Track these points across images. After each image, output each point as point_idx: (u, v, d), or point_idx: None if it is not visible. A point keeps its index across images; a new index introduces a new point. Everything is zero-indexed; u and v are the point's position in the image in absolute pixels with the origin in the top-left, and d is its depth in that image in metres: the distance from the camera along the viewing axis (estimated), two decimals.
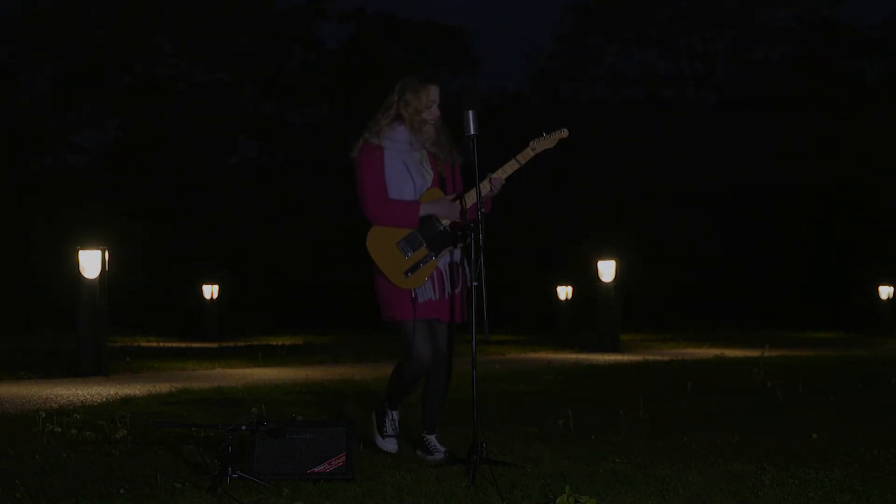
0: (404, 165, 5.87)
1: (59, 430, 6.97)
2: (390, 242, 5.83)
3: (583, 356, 15.93)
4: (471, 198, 5.85)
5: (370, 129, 5.93)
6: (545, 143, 5.93)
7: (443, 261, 5.92)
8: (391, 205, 5.82)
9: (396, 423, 6.01)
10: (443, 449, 6.00)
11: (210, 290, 23.47)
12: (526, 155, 5.89)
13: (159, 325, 26.61)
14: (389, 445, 5.92)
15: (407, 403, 6.21)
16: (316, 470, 5.34)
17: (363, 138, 5.93)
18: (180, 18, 40.03)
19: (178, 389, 10.00)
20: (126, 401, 9.01)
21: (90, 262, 12.51)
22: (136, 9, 39.05)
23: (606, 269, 17.92)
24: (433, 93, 5.90)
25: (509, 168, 5.87)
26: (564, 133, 5.97)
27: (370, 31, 41.94)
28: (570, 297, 24.08)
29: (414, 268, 5.81)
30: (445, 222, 5.87)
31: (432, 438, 6.06)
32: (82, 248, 12.56)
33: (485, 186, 5.79)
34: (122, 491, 5.05)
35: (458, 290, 5.95)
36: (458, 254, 5.97)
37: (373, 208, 5.81)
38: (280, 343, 20.17)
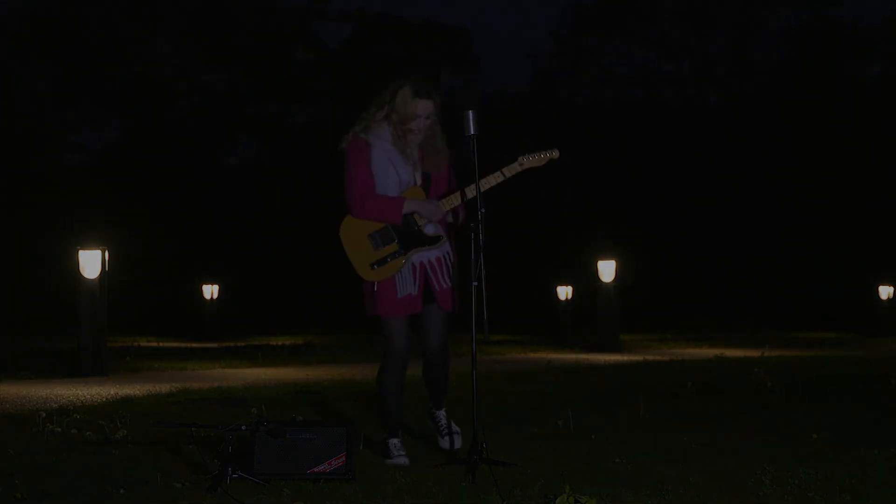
0: (390, 162, 5.90)
1: (59, 430, 6.97)
2: (362, 233, 5.88)
3: (583, 356, 15.93)
4: (449, 202, 5.89)
5: (360, 122, 5.96)
6: (534, 160, 5.95)
7: (424, 256, 5.92)
8: (377, 199, 5.85)
9: (400, 447, 5.98)
10: (457, 429, 6.08)
11: (210, 290, 23.46)
12: (512, 169, 5.91)
13: (159, 325, 26.59)
14: (401, 461, 5.88)
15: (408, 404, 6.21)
16: (316, 470, 5.34)
17: (353, 132, 5.95)
18: (180, 18, 40.03)
19: (178, 389, 9.99)
20: (126, 401, 9.01)
21: (90, 262, 12.51)
22: (136, 9, 39.04)
23: (606, 269, 17.92)
24: (421, 107, 5.87)
25: (493, 179, 5.89)
26: (555, 154, 5.97)
27: (370, 31, 41.94)
28: (570, 297, 24.06)
29: (381, 261, 5.85)
30: (422, 222, 5.89)
31: (441, 414, 6.13)
32: (82, 248, 12.56)
33: (471, 191, 5.81)
34: (122, 491, 5.05)
35: (449, 284, 5.96)
36: (445, 248, 5.96)
37: (358, 201, 5.85)
38: (280, 343, 20.17)
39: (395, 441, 5.96)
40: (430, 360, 6.04)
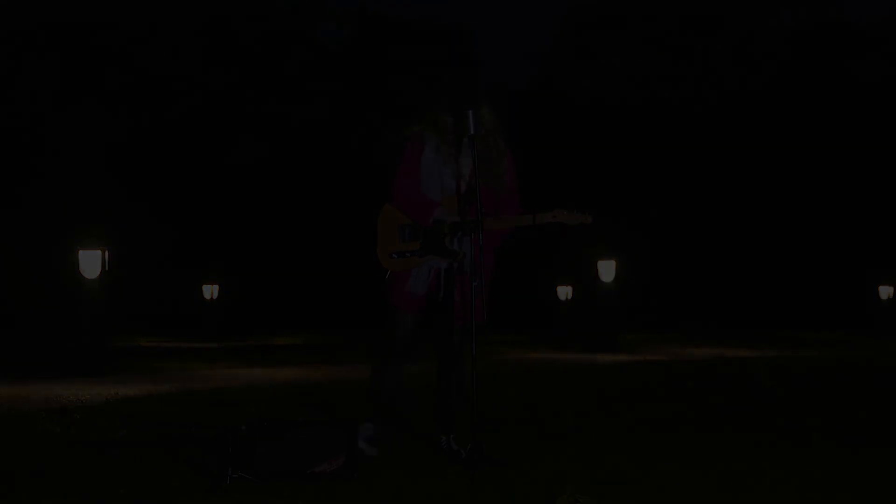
0: (437, 166, 5.97)
1: (59, 430, 6.97)
2: (396, 221, 5.97)
3: (583, 356, 15.93)
4: (490, 224, 5.89)
5: (426, 119, 6.02)
6: (566, 217, 5.99)
7: (444, 264, 5.97)
8: (415, 197, 5.93)
9: (372, 434, 6.02)
10: (457, 448, 6.01)
11: (210, 290, 23.48)
12: (544, 217, 5.98)
13: (159, 325, 26.59)
14: (370, 451, 5.94)
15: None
16: (316, 470, 5.34)
17: (420, 126, 6.01)
18: (180, 18, 40.02)
19: (178, 389, 9.99)
20: (126, 401, 9.01)
21: (90, 262, 12.52)
22: (136, 8, 39.04)
23: (606, 269, 17.93)
24: (451, 125, 5.94)
25: (523, 220, 5.96)
26: (588, 219, 6.02)
27: (370, 31, 41.93)
28: (570, 297, 24.08)
29: (400, 254, 5.94)
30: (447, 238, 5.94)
31: (446, 440, 6.08)
32: (82, 248, 12.57)
33: (498, 222, 5.91)
34: (121, 491, 5.04)
35: (460, 298, 5.97)
36: (465, 264, 5.97)
37: (399, 194, 5.94)
38: (280, 343, 20.17)
39: (368, 425, 6.00)
40: (440, 371, 6.05)
